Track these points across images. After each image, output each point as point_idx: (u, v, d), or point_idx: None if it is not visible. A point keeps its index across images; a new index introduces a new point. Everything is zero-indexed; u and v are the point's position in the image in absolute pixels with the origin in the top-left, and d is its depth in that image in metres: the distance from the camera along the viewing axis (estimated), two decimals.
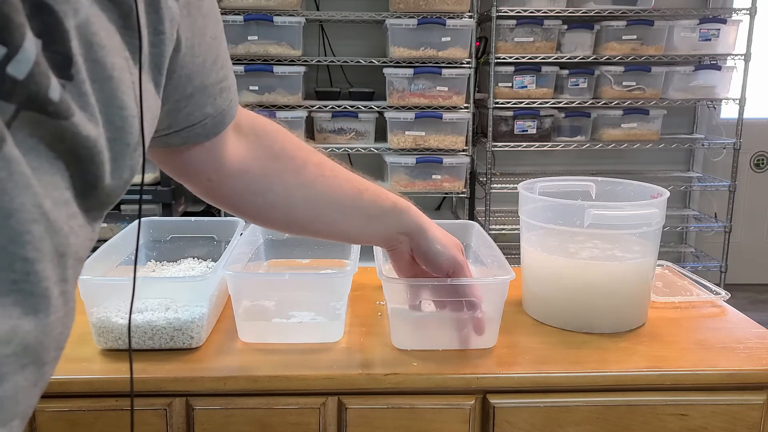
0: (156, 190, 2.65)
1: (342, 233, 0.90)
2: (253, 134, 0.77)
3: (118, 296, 0.95)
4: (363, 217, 0.87)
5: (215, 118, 0.66)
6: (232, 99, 0.68)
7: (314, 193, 0.82)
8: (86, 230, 0.46)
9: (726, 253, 3.28)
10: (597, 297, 1.01)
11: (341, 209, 0.84)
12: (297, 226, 0.86)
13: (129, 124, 0.46)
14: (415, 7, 2.91)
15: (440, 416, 0.90)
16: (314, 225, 0.86)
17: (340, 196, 0.84)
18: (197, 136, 0.67)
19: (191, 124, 0.65)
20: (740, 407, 0.92)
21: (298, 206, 0.82)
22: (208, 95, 0.64)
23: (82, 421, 0.88)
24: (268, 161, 0.79)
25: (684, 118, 3.58)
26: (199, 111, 0.64)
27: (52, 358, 0.43)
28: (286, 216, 0.82)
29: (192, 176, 0.76)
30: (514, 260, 1.01)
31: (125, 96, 0.46)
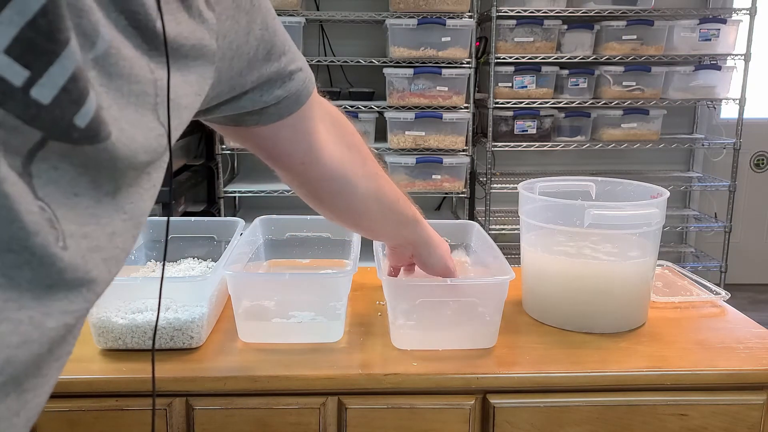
0: None
1: (375, 230, 0.96)
2: (329, 121, 0.79)
3: (118, 296, 0.95)
4: (394, 221, 0.94)
5: (289, 98, 0.68)
6: (305, 78, 0.69)
7: (371, 188, 0.86)
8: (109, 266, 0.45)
9: (726, 253, 3.28)
10: (597, 297, 1.01)
11: (383, 209, 0.90)
12: (350, 217, 0.91)
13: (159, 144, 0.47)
14: (415, 7, 2.91)
15: (440, 416, 0.90)
16: (358, 220, 0.91)
17: (385, 196, 0.89)
18: (272, 116, 0.68)
19: (261, 106, 0.66)
20: (740, 407, 0.92)
21: (358, 197, 0.85)
22: (272, 81, 0.65)
23: (82, 421, 0.88)
24: (344, 150, 0.81)
25: (684, 118, 3.58)
26: (267, 95, 0.65)
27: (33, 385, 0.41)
28: (347, 205, 0.86)
29: (285, 159, 0.77)
30: (514, 260, 1.01)
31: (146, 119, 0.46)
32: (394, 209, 0.92)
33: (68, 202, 0.40)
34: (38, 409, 0.42)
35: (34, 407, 0.42)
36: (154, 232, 1.19)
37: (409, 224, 0.96)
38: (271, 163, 0.78)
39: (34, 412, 0.42)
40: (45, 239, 0.38)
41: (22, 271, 0.38)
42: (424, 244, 0.98)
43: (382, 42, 3.18)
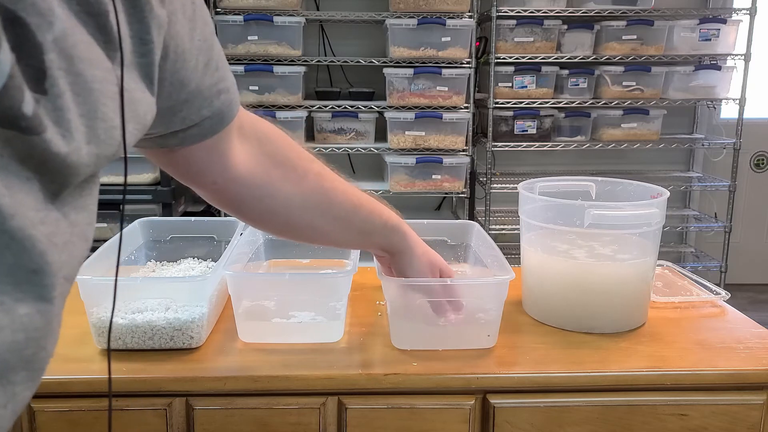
0: (156, 190, 2.65)
1: (332, 241, 0.93)
2: (256, 139, 0.78)
3: (118, 296, 0.95)
4: (354, 231, 0.90)
5: (212, 120, 0.66)
6: (231, 100, 0.68)
7: (312, 203, 0.83)
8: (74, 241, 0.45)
9: (726, 253, 3.28)
10: (597, 297, 1.01)
11: (335, 221, 0.86)
12: (291, 232, 0.88)
13: (111, 137, 0.46)
14: (415, 7, 2.91)
15: (440, 416, 0.90)
16: (307, 232, 0.88)
17: (336, 209, 0.86)
18: (194, 137, 0.67)
19: (187, 126, 0.65)
20: (740, 407, 0.92)
21: (295, 214, 0.83)
22: (204, 98, 0.63)
23: (82, 421, 0.88)
24: (271, 168, 0.79)
25: (684, 118, 3.58)
26: (196, 114, 0.64)
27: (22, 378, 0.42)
28: (284, 222, 0.84)
29: (198, 178, 0.76)
30: (514, 260, 1.01)
31: (107, 108, 0.45)
32: (351, 219, 0.88)
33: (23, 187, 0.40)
34: (25, 402, 0.43)
35: (21, 400, 0.42)
36: (154, 232, 1.19)
37: (377, 231, 0.91)
38: (184, 181, 0.77)
39: (21, 405, 0.42)
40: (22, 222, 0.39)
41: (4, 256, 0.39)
42: (400, 252, 0.94)
43: (382, 42, 3.18)
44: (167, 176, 2.71)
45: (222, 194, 0.78)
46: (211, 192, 0.78)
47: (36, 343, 0.42)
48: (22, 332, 0.40)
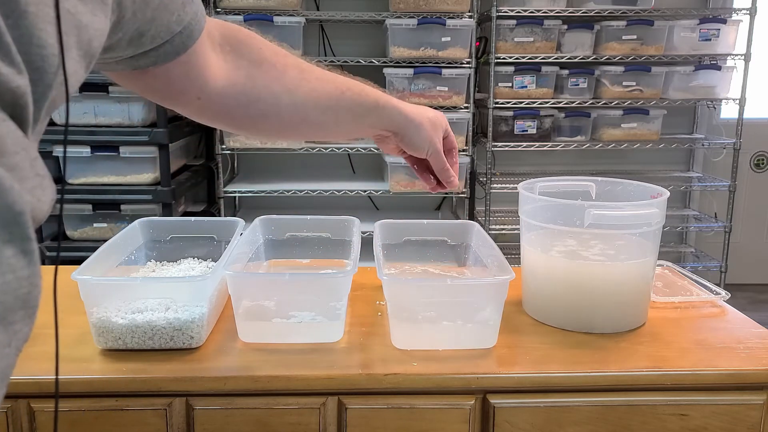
0: (156, 190, 2.65)
1: (331, 132, 0.91)
2: (228, 45, 0.76)
3: (118, 296, 0.95)
4: (348, 116, 0.88)
5: (182, 34, 0.65)
6: (197, 11, 0.66)
7: (299, 96, 0.81)
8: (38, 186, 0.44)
9: (726, 253, 3.28)
10: (597, 297, 1.01)
11: (327, 110, 0.84)
12: (288, 132, 0.86)
13: (49, 64, 0.43)
14: (415, 7, 2.91)
15: (440, 416, 0.90)
16: (303, 128, 0.86)
17: (324, 97, 0.83)
18: (167, 55, 0.65)
19: (158, 44, 0.63)
20: (740, 407, 0.92)
21: (287, 112, 0.81)
22: (170, 12, 0.61)
23: (82, 421, 0.88)
24: (251, 70, 0.77)
25: (684, 118, 3.58)
26: (165, 30, 0.62)
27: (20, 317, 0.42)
28: (278, 123, 0.82)
29: (180, 97, 0.74)
30: (514, 260, 1.01)
31: (44, 33, 0.42)
32: (341, 104, 0.86)
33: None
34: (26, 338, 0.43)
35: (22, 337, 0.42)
36: (154, 232, 1.19)
37: (371, 112, 0.89)
38: (167, 103, 0.75)
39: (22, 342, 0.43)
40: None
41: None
42: (400, 126, 0.92)
43: (382, 42, 3.18)
44: (167, 176, 2.73)
45: (208, 109, 0.76)
46: (196, 108, 0.76)
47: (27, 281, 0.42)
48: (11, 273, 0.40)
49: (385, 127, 0.93)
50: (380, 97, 0.91)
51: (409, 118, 0.93)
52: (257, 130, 0.86)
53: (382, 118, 0.91)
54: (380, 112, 0.90)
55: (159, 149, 2.63)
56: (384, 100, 0.91)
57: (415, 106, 0.96)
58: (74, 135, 2.60)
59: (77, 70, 0.48)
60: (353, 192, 3.01)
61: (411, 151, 0.97)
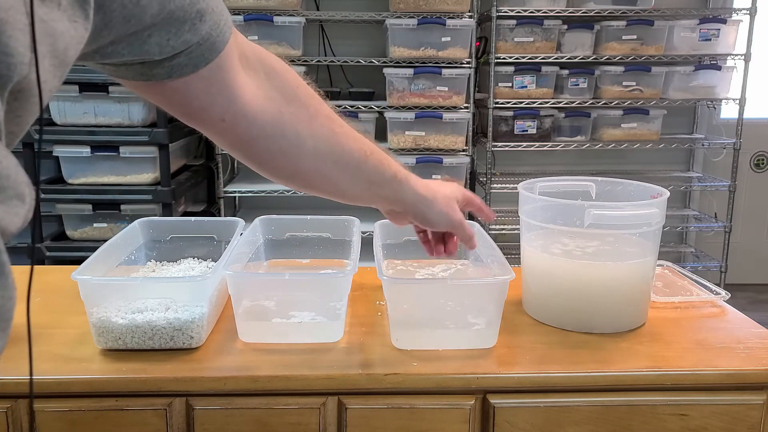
0: (156, 190, 2.65)
1: (341, 192, 0.87)
2: (263, 72, 0.72)
3: (118, 296, 0.95)
4: (364, 181, 0.85)
5: (201, 46, 0.61)
6: (219, 23, 0.62)
7: (323, 146, 0.78)
8: None
9: (726, 253, 3.28)
10: (597, 297, 1.01)
11: (345, 168, 0.82)
12: (300, 179, 0.82)
13: (15, 72, 0.41)
14: (415, 7, 2.91)
15: (440, 416, 0.90)
16: (317, 179, 0.82)
17: (347, 154, 0.81)
18: (183, 67, 0.62)
19: (170, 54, 0.59)
20: (740, 407, 0.92)
21: (307, 157, 0.77)
22: (179, 21, 0.58)
23: (82, 421, 0.88)
24: (282, 104, 0.73)
25: (684, 118, 3.58)
26: (175, 39, 0.58)
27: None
28: (293, 166, 0.78)
29: (201, 115, 0.69)
30: (514, 260, 1.01)
31: (12, 40, 0.40)
32: (362, 167, 0.83)
33: None
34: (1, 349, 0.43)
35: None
36: (154, 232, 1.19)
37: (387, 183, 0.87)
38: (188, 120, 0.70)
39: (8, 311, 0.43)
40: None
41: None
42: (414, 203, 0.91)
43: (382, 42, 3.18)
44: (167, 176, 2.72)
45: (230, 133, 0.72)
46: (219, 132, 0.72)
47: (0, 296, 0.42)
48: None
49: (396, 203, 0.91)
50: (399, 172, 0.88)
51: (420, 196, 0.91)
52: (271, 169, 0.79)
53: (395, 193, 0.89)
54: (396, 186, 0.88)
55: (159, 149, 2.63)
56: (402, 176, 0.89)
57: (430, 182, 0.95)
58: (74, 135, 2.60)
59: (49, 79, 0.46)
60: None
61: (428, 227, 0.95)
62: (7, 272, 0.43)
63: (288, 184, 0.83)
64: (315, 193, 0.86)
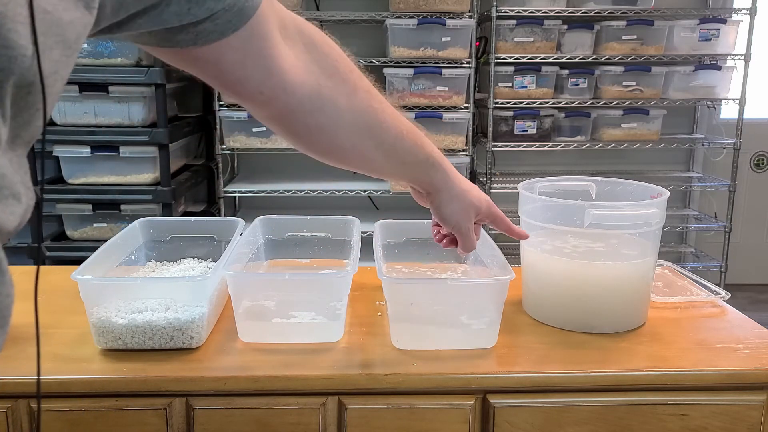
0: (156, 190, 2.65)
1: (374, 169, 0.86)
2: (302, 43, 0.70)
3: (118, 296, 0.95)
4: (397, 160, 0.84)
5: (228, 12, 0.58)
6: None
7: (362, 122, 0.77)
8: None
9: (726, 253, 3.28)
10: (597, 297, 1.01)
11: (381, 146, 0.80)
12: (336, 154, 0.80)
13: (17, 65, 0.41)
14: (415, 7, 2.91)
15: (440, 416, 0.90)
16: (352, 155, 0.81)
17: (384, 132, 0.79)
18: (209, 33, 0.58)
19: (193, 20, 0.57)
20: (740, 407, 0.92)
21: (344, 132, 0.76)
22: None
23: (82, 421, 0.88)
24: (322, 77, 0.71)
25: (684, 118, 3.58)
26: (197, 7, 0.56)
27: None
28: (330, 140, 0.76)
29: (238, 87, 0.66)
30: (514, 260, 1.01)
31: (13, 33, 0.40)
32: (397, 146, 0.81)
33: None
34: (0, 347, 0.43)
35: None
36: (154, 232, 1.19)
37: (419, 165, 0.86)
38: (226, 92, 0.68)
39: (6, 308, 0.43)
40: None
41: None
42: (438, 190, 0.89)
43: (382, 42, 3.18)
44: (167, 176, 2.72)
45: (269, 106, 0.70)
46: (257, 104, 0.70)
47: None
48: None
49: (424, 184, 0.90)
50: (433, 153, 0.87)
51: (449, 183, 0.90)
52: (307, 143, 0.78)
53: (426, 175, 0.88)
54: (428, 168, 0.87)
55: (159, 149, 2.63)
56: (435, 158, 0.88)
57: (465, 180, 0.93)
58: (74, 135, 2.60)
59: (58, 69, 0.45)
60: (353, 192, 3.01)
61: (437, 218, 0.94)
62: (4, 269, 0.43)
63: (322, 159, 0.81)
64: (346, 167, 0.84)
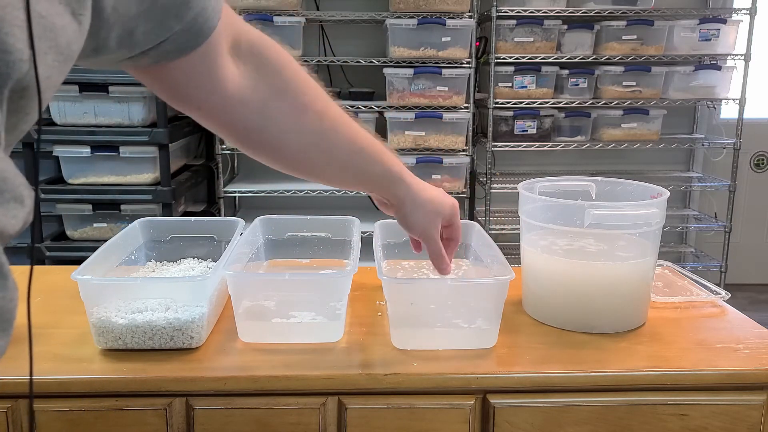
0: (156, 190, 2.65)
1: (326, 179, 0.87)
2: (253, 62, 0.71)
3: (118, 296, 0.95)
4: (352, 175, 0.85)
5: (187, 33, 0.60)
6: (206, 8, 0.60)
7: (307, 142, 0.78)
8: None
9: (726, 253, 3.28)
10: (597, 297, 1.01)
11: (332, 162, 0.82)
12: (280, 164, 0.81)
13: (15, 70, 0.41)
14: (415, 7, 2.91)
15: (440, 416, 0.90)
16: (303, 165, 0.82)
17: (334, 148, 0.80)
18: (168, 53, 0.60)
19: (156, 42, 0.58)
20: (740, 407, 0.92)
21: (289, 148, 0.77)
22: (165, 9, 0.57)
23: (82, 421, 0.88)
24: (269, 97, 0.72)
25: (684, 118, 3.58)
26: (160, 27, 0.57)
27: None
28: (274, 153, 0.78)
29: (184, 101, 0.69)
30: (514, 260, 1.01)
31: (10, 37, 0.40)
32: (350, 163, 0.83)
33: None
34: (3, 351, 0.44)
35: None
36: (155, 232, 1.19)
37: (378, 179, 0.87)
38: (172, 103, 0.70)
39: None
40: None
41: None
42: (401, 202, 0.90)
43: (382, 42, 3.18)
44: (167, 176, 2.72)
45: (210, 118, 0.72)
46: (199, 116, 0.72)
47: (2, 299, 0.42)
48: None
49: (387, 195, 0.91)
50: (393, 167, 0.87)
51: (411, 194, 0.90)
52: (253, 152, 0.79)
53: (387, 188, 0.89)
54: (388, 182, 0.88)
55: (159, 149, 2.63)
56: (396, 172, 0.88)
57: (428, 187, 0.93)
58: (74, 135, 2.60)
59: (53, 75, 0.46)
60: (353, 192, 3.01)
61: (404, 227, 0.95)
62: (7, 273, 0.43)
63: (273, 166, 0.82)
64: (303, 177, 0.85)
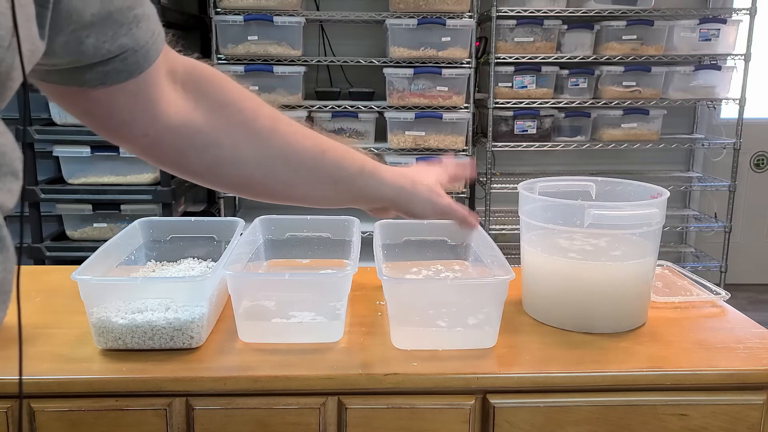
0: (156, 190, 2.65)
1: (303, 197, 0.80)
2: (191, 81, 0.69)
3: (118, 296, 0.95)
4: (328, 181, 0.79)
5: (137, 53, 0.58)
6: (154, 31, 0.60)
7: (267, 149, 0.73)
8: None
9: (726, 253, 3.28)
10: (597, 297, 1.01)
11: (300, 169, 0.75)
12: (250, 188, 0.76)
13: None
14: (415, 7, 2.91)
15: (440, 416, 0.90)
16: (269, 186, 0.76)
17: (298, 154, 0.75)
18: (118, 73, 0.59)
19: (106, 57, 0.57)
20: (740, 407, 0.92)
21: (249, 164, 0.72)
22: (117, 23, 0.56)
23: (82, 421, 0.88)
24: (213, 111, 0.70)
25: (684, 118, 3.58)
26: (111, 42, 0.56)
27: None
28: (238, 175, 0.73)
29: (123, 131, 0.66)
30: (514, 260, 1.01)
31: None
32: (319, 165, 0.76)
33: None
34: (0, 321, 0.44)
35: None
36: (154, 232, 1.19)
37: (354, 179, 0.81)
38: (106, 134, 0.66)
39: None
40: None
41: None
42: (393, 196, 0.84)
43: (382, 42, 3.18)
44: (167, 176, 2.72)
45: (156, 147, 0.68)
46: (143, 147, 0.68)
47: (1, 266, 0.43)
48: None
49: (374, 200, 0.85)
50: (366, 164, 0.82)
51: (398, 187, 0.85)
52: (214, 179, 0.74)
53: (368, 188, 0.82)
54: (367, 180, 0.82)
55: None
56: (370, 168, 0.82)
57: (409, 170, 0.89)
58: (74, 135, 2.60)
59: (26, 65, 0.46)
60: None
61: (414, 218, 0.89)
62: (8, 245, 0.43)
63: (240, 194, 0.77)
64: (276, 201, 0.79)
